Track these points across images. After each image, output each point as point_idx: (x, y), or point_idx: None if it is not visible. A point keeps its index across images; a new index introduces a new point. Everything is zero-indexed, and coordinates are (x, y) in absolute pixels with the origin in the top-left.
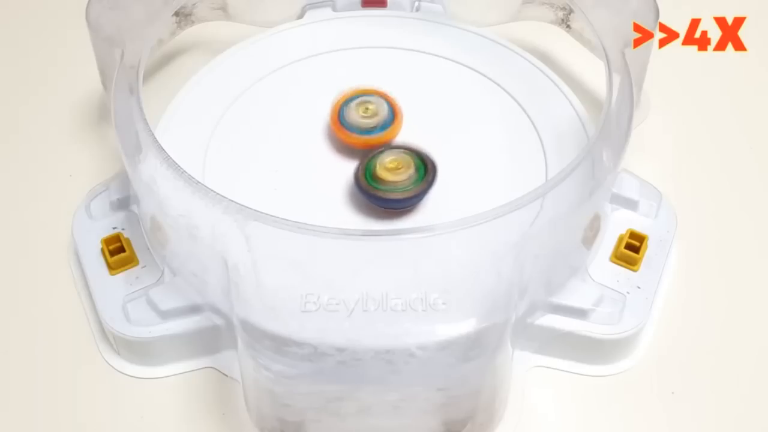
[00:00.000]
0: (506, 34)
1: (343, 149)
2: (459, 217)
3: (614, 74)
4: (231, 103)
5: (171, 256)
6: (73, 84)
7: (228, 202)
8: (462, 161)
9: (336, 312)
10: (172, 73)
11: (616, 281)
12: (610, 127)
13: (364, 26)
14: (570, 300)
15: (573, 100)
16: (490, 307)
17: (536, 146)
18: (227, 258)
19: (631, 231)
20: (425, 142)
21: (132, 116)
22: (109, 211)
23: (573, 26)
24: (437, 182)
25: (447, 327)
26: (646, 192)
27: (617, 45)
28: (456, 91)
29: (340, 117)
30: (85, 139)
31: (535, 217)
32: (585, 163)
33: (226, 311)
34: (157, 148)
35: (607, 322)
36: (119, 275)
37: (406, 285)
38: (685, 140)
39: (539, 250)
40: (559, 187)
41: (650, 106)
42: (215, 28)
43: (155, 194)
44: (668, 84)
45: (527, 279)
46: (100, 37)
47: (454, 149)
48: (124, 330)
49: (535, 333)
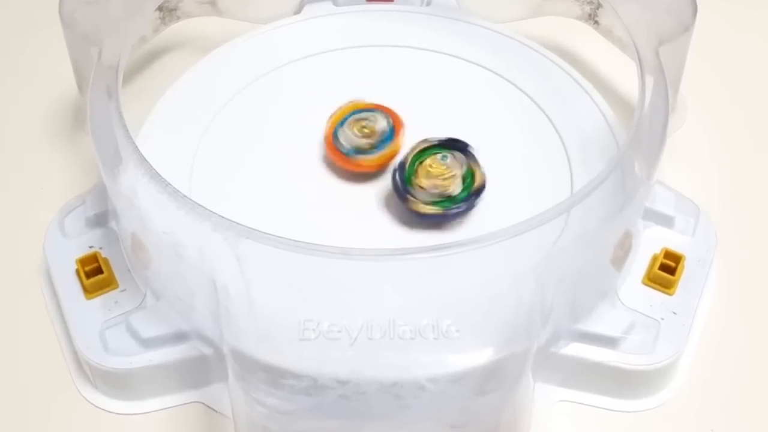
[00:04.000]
0: (527, 32)
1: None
2: (475, 234)
3: (647, 75)
4: (221, 108)
5: (154, 277)
6: (45, 86)
7: (217, 217)
8: None
9: (337, 340)
10: (155, 74)
11: (650, 306)
12: (643, 134)
13: (369, 22)
14: (598, 327)
15: (601, 105)
16: (508, 334)
17: (560, 156)
18: (216, 280)
19: (666, 250)
20: None
21: (110, 122)
22: (85, 228)
23: (601, 22)
24: None
25: (461, 357)
26: (682, 207)
27: (650, 42)
28: (471, 95)
29: (335, 139)
30: (58, 148)
31: (559, 235)
32: (614, 174)
33: (215, 339)
34: (138, 157)
35: (639, 352)
36: (96, 299)
37: (415, 310)
38: (726, 149)
39: (564, 271)
40: (585, 202)
41: (687, 110)
42: (203, 25)
43: (136, 209)
44: (707, 86)
45: (550, 303)
46: (75, 33)
47: None
48: (102, 360)
49: (560, 364)
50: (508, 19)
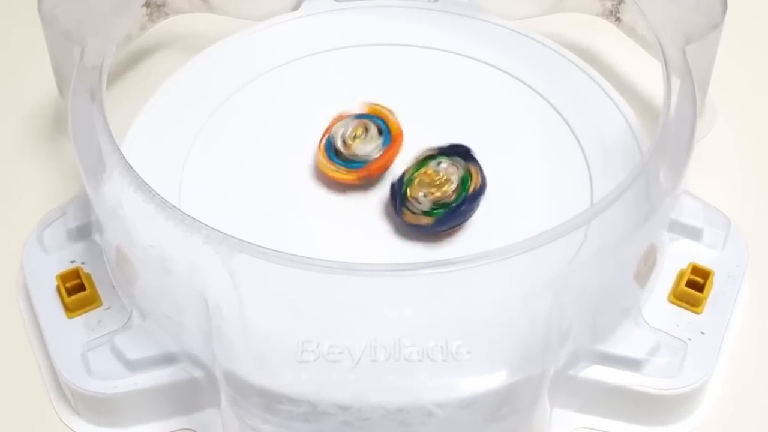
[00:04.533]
0: (543, 29)
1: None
2: (486, 247)
3: (673, 76)
4: (212, 112)
5: (140, 295)
6: (23, 89)
7: (209, 230)
8: (490, 181)
9: (339, 362)
10: (142, 75)
11: (676, 326)
12: (668, 139)
13: (372, 19)
14: (620, 348)
15: (623, 108)
16: (523, 356)
17: (579, 163)
18: (208, 297)
19: (693, 265)
20: None
21: (94, 127)
22: (66, 242)
23: (623, 19)
24: None
25: (471, 380)
26: (711, 218)
27: (677, 41)
28: (482, 98)
29: (328, 150)
30: (36, 155)
31: (578, 249)
32: (638, 183)
33: (206, 361)
34: (123, 165)
35: (664, 375)
36: (78, 318)
37: (422, 330)
38: (758, 155)
39: (583, 288)
40: (606, 213)
41: (716, 114)
42: (194, 22)
43: (121, 220)
44: (738, 88)
45: (568, 323)
46: (56, 31)
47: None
48: (85, 384)
49: (578, 388)
50: (522, 15)
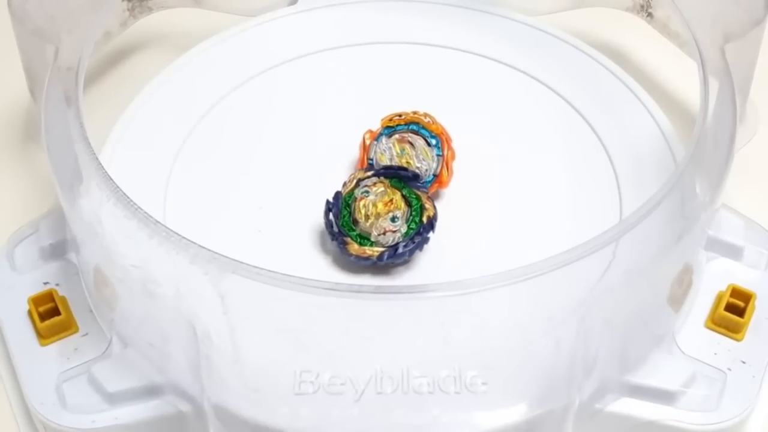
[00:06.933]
0: (566, 26)
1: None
2: (503, 268)
3: (711, 78)
4: (201, 117)
5: (121, 320)
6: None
7: (197, 248)
8: (508, 194)
9: (341, 395)
10: (123, 76)
11: (714, 354)
12: (706, 148)
13: (375, 15)
14: (652, 379)
15: (656, 113)
16: (545, 388)
17: (607, 174)
18: (196, 323)
19: (733, 287)
20: (459, 169)
21: (69, 134)
22: (39, 261)
23: (655, 14)
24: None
25: (488, 415)
26: (753, 235)
27: (715, 39)
28: (499, 101)
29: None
30: (6, 165)
31: (606, 269)
32: (672, 196)
33: (194, 394)
34: (102, 176)
35: (701, 409)
36: (52, 346)
37: (433, 359)
38: None
39: (611, 312)
40: (637, 229)
41: (759, 120)
42: (180, 18)
43: (100, 238)
44: None
45: (595, 351)
46: (27, 29)
47: (497, 178)
48: (59, 419)
49: (606, 423)
50: (545, 11)
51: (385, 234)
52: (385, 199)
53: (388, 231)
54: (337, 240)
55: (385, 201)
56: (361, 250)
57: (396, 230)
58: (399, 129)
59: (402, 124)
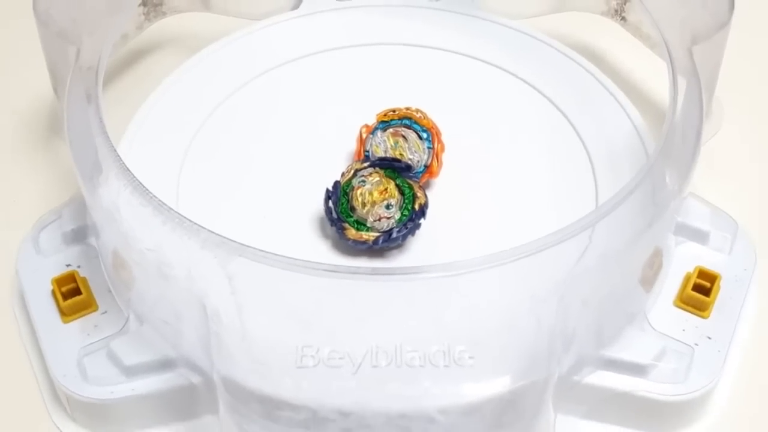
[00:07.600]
0: (547, 29)
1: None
2: (489, 251)
3: (679, 77)
4: (211, 113)
5: (137, 299)
6: (18, 90)
7: (207, 233)
8: (494, 184)
9: (339, 368)
10: (138, 75)
11: (682, 330)
12: (675, 141)
13: (375, 18)
14: (626, 353)
15: (629, 109)
16: (527, 362)
17: (584, 165)
18: (206, 302)
19: (700, 269)
20: (449, 160)
21: (90, 129)
22: (62, 245)
23: (629, 18)
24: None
25: (475, 386)
26: (718, 221)
27: (683, 40)
28: (485, 98)
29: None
30: (31, 157)
31: (583, 253)
32: (643, 185)
33: (204, 367)
34: (120, 167)
35: (671, 381)
36: (74, 323)
37: (424, 335)
38: (765, 157)
39: (588, 292)
40: (611, 216)
41: (724, 115)
42: (191, 21)
43: (118, 224)
44: (746, 88)
45: (573, 328)
46: (51, 31)
47: (484, 169)
48: (80, 390)
49: (583, 394)
50: (526, 15)
51: (380, 220)
52: (380, 188)
53: (383, 217)
54: (336, 226)
55: (380, 190)
56: (358, 235)
57: (390, 217)
58: (393, 123)
59: (396, 119)
